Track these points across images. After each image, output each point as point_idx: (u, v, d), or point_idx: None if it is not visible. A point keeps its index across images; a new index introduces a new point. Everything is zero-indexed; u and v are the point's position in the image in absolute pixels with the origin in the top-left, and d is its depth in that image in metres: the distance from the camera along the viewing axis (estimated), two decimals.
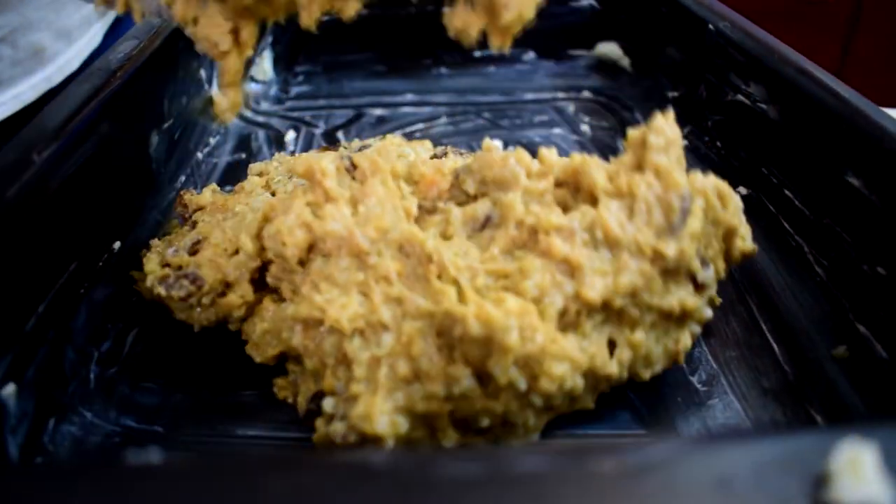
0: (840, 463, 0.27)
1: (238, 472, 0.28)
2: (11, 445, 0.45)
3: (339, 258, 0.50)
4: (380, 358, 0.46)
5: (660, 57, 0.95)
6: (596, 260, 0.48)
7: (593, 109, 0.99)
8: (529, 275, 0.48)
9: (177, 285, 0.55)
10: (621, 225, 0.48)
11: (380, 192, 0.52)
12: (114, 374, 0.56)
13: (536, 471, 0.28)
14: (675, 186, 0.49)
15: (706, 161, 0.81)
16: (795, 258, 0.64)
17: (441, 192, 0.54)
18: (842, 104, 0.59)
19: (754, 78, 0.72)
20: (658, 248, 0.48)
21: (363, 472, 0.28)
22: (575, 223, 0.49)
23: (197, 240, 0.58)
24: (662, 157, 0.50)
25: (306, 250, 0.52)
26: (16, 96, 0.84)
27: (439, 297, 0.46)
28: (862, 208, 0.56)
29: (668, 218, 0.48)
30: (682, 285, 0.50)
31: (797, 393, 0.54)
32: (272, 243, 0.52)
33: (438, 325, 0.46)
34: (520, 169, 0.52)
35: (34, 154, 0.51)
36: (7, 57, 0.82)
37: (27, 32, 0.83)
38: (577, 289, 0.47)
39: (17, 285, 0.48)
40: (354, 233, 0.50)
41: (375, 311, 0.47)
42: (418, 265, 0.49)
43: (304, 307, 0.49)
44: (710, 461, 0.29)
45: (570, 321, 0.48)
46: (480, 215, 0.52)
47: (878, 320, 0.54)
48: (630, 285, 0.47)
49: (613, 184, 0.51)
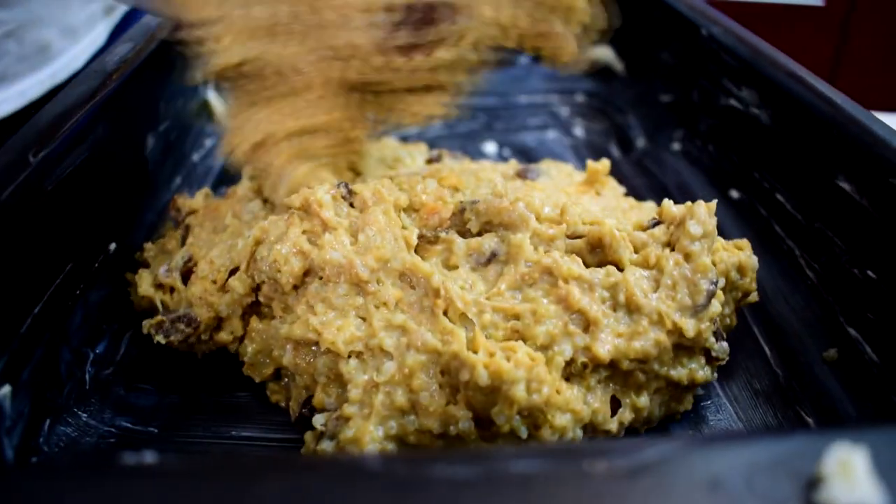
0: (831, 466, 0.28)
1: (235, 473, 0.28)
2: (7, 446, 0.45)
3: (338, 285, 0.50)
4: (378, 384, 0.46)
5: (653, 61, 0.95)
6: (612, 319, 0.49)
7: (587, 113, 0.99)
8: (542, 320, 0.48)
9: (174, 330, 0.55)
10: (645, 293, 0.49)
11: (381, 221, 0.52)
12: (109, 376, 0.56)
13: (530, 472, 0.28)
14: (703, 270, 0.50)
15: (698, 165, 0.81)
16: (787, 262, 0.64)
17: (442, 219, 0.54)
18: (833, 109, 0.60)
19: (747, 82, 0.73)
20: (679, 323, 0.48)
21: (359, 473, 0.28)
22: (596, 278, 0.50)
23: (188, 257, 0.58)
24: (696, 246, 0.51)
25: (301, 276, 0.52)
26: (21, 92, 0.84)
27: (448, 338, 0.46)
28: (853, 213, 0.57)
29: (694, 298, 0.49)
30: (694, 359, 0.51)
31: (788, 395, 0.55)
32: (266, 268, 0.52)
33: (444, 365, 0.46)
34: (529, 214, 0.52)
35: (30, 155, 0.51)
36: (13, 52, 0.82)
37: (33, 28, 0.84)
38: (588, 343, 0.48)
39: (12, 286, 0.48)
40: (354, 262, 0.50)
41: (375, 336, 0.47)
42: (424, 297, 0.49)
43: (298, 328, 0.50)
44: (703, 463, 0.29)
45: (575, 372, 0.48)
46: (486, 250, 0.52)
47: (869, 323, 0.54)
48: (642, 351, 0.48)
49: (641, 254, 0.52)
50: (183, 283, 0.57)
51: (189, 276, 0.57)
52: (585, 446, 0.40)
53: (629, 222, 0.56)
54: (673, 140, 0.87)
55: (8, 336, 0.47)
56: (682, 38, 0.86)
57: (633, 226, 0.55)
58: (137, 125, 0.69)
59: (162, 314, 0.56)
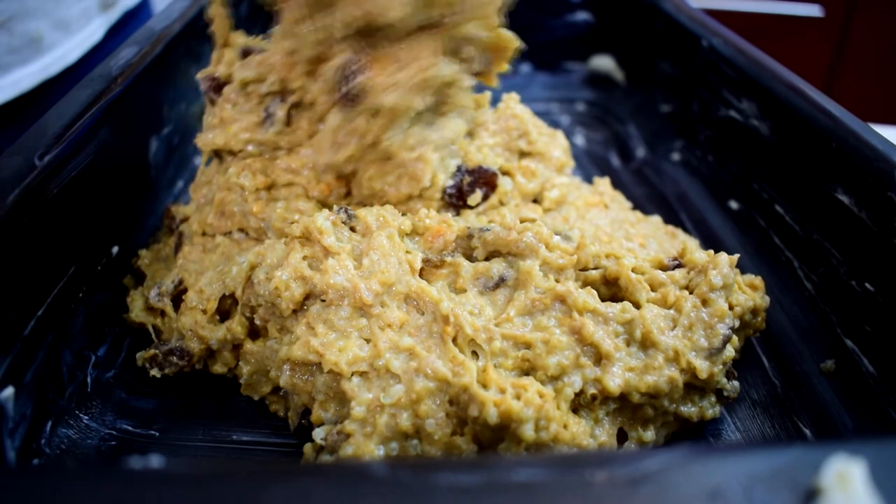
0: (830, 477, 0.28)
1: (241, 479, 0.28)
2: (9, 448, 0.45)
3: (340, 307, 0.50)
4: (384, 405, 0.46)
5: (653, 71, 0.96)
6: (624, 353, 0.49)
7: (587, 122, 1.00)
8: (554, 351, 0.48)
9: (167, 363, 0.55)
10: (662, 331, 0.50)
11: (385, 245, 0.52)
12: (111, 379, 0.56)
13: (532, 480, 0.29)
14: (721, 315, 0.51)
15: (698, 175, 0.82)
16: (785, 273, 0.65)
17: (447, 242, 0.54)
18: (833, 122, 0.60)
19: (746, 94, 0.73)
20: (693, 363, 0.49)
21: (364, 480, 0.28)
22: (610, 312, 0.50)
23: (178, 281, 0.58)
24: (715, 295, 0.51)
25: (301, 301, 0.52)
26: (13, 83, 0.84)
27: (459, 369, 0.46)
28: (851, 225, 0.57)
29: (710, 341, 0.50)
30: (706, 397, 0.52)
31: (786, 406, 0.55)
32: (264, 292, 0.52)
33: (453, 395, 0.46)
34: (538, 244, 0.52)
35: (36, 158, 0.51)
36: (3, 43, 0.82)
37: (24, 20, 0.84)
38: (598, 375, 0.48)
39: (16, 289, 0.48)
40: (359, 286, 0.50)
41: (381, 357, 0.47)
42: (433, 322, 0.49)
43: (298, 350, 0.49)
44: (703, 473, 0.29)
45: (584, 403, 0.49)
46: (494, 274, 0.52)
47: (866, 335, 0.55)
48: (654, 386, 0.48)
49: (660, 292, 0.52)
50: (174, 307, 0.57)
51: (180, 298, 0.57)
52: (587, 455, 0.40)
53: (647, 256, 0.56)
54: (673, 150, 0.87)
55: (11, 338, 0.47)
56: (683, 48, 0.87)
57: (651, 262, 0.55)
58: (141, 129, 0.70)
59: (154, 346, 0.56)
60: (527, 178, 0.65)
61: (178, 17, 0.81)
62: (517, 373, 0.48)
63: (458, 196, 0.60)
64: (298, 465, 0.31)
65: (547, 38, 1.03)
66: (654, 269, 0.54)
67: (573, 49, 1.05)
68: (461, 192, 0.60)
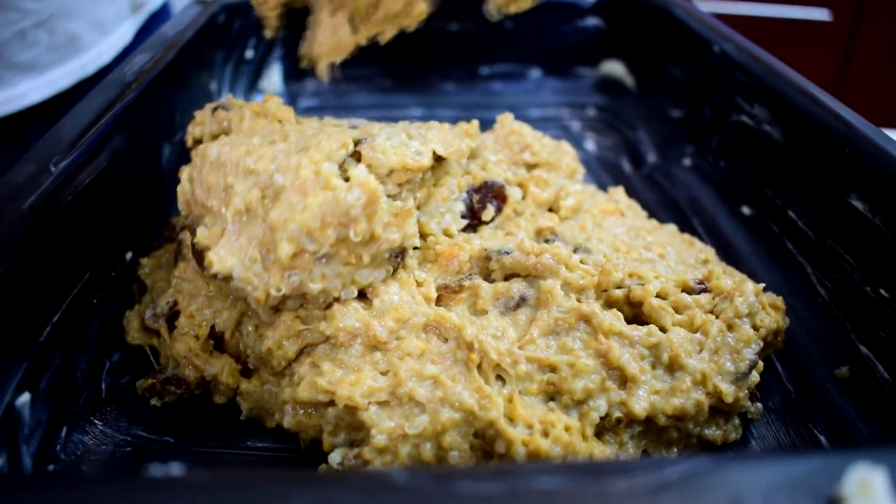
0: (851, 486, 0.28)
1: (263, 487, 0.28)
2: (25, 454, 0.45)
3: (352, 346, 0.49)
4: (407, 436, 0.45)
5: (664, 76, 0.96)
6: (649, 376, 0.49)
7: (598, 127, 1.00)
8: (580, 375, 0.48)
9: (165, 392, 0.54)
10: (689, 354, 0.50)
11: (392, 287, 0.51)
12: (125, 384, 0.56)
13: (553, 488, 0.29)
14: (747, 340, 0.51)
15: (709, 181, 0.82)
16: (798, 279, 0.64)
17: (461, 263, 0.54)
18: (847, 127, 0.60)
19: (759, 100, 0.73)
20: (719, 387, 0.49)
21: (386, 488, 0.28)
22: (636, 335, 0.50)
23: (173, 302, 0.56)
24: (741, 321, 0.52)
25: (296, 354, 0.51)
26: (50, 82, 0.86)
27: (486, 402, 0.45)
28: (865, 230, 0.57)
29: (737, 365, 0.50)
30: (730, 421, 0.52)
31: (799, 412, 0.55)
32: (254, 345, 0.52)
33: (479, 429, 0.45)
34: (558, 265, 0.52)
35: (51, 165, 0.52)
36: (43, 42, 0.84)
37: (64, 19, 0.86)
38: (624, 398, 0.48)
39: (33, 296, 0.48)
40: (371, 324, 0.49)
41: (403, 385, 0.46)
42: (456, 349, 0.48)
43: (304, 391, 0.48)
44: (723, 481, 0.29)
45: (608, 426, 0.49)
46: (515, 294, 0.52)
47: (881, 342, 0.55)
48: (681, 409, 0.48)
49: (686, 315, 0.52)
50: (169, 329, 0.56)
51: (175, 319, 0.56)
52: (609, 464, 0.40)
53: (667, 268, 0.56)
54: (684, 155, 0.87)
55: (28, 345, 0.48)
56: (694, 54, 0.87)
57: (676, 282, 0.55)
58: (154, 134, 0.70)
59: (152, 375, 0.55)
60: (540, 188, 0.64)
61: (189, 23, 0.81)
62: (543, 397, 0.48)
63: (472, 215, 0.60)
64: (320, 474, 0.31)
65: (557, 43, 1.03)
66: (680, 292, 0.54)
67: (583, 54, 1.05)
68: (474, 211, 0.60)
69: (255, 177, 0.50)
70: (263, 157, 0.50)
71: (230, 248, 0.49)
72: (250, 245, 0.48)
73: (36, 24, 0.83)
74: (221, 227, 0.50)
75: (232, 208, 0.49)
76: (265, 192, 0.48)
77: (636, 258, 0.58)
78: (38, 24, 0.83)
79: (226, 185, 0.51)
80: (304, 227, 0.45)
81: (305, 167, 0.47)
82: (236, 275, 0.48)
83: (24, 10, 0.81)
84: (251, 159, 0.50)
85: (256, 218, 0.49)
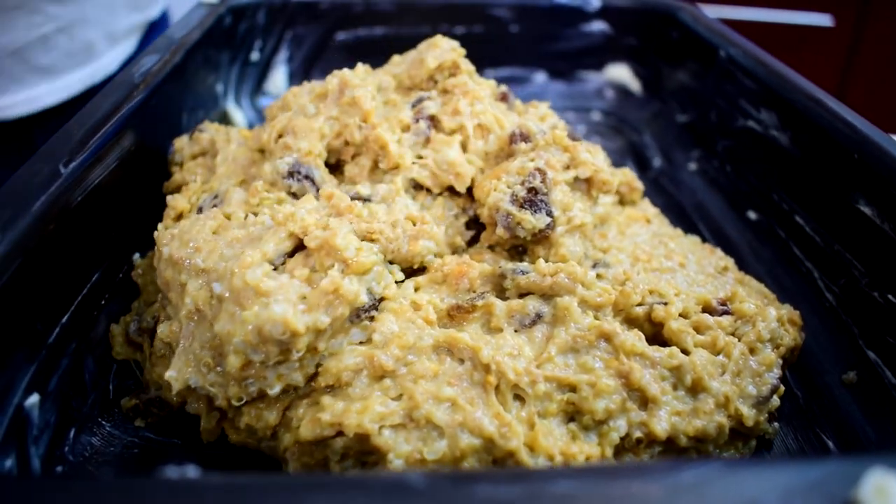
0: (868, 491, 0.28)
1: (280, 490, 0.28)
2: (34, 455, 0.45)
3: (358, 377, 0.48)
4: (426, 461, 0.44)
5: (669, 81, 0.96)
6: (670, 397, 0.49)
7: (604, 131, 1.00)
8: (601, 395, 0.47)
9: (147, 412, 0.53)
10: (712, 376, 0.50)
11: (390, 319, 0.50)
12: (132, 386, 0.56)
13: (571, 492, 0.29)
14: (769, 364, 0.51)
15: (715, 185, 0.82)
16: (806, 284, 0.64)
17: (472, 280, 0.53)
18: (854, 132, 0.60)
19: (766, 105, 0.73)
20: (740, 410, 0.49)
21: (403, 492, 0.28)
22: (657, 356, 0.50)
23: (156, 318, 0.55)
24: (763, 345, 0.52)
25: (278, 422, 0.49)
26: (65, 86, 0.89)
27: (505, 430, 0.44)
28: (873, 236, 0.57)
29: (759, 389, 0.50)
30: (748, 444, 0.52)
31: (808, 417, 0.55)
32: (237, 422, 0.49)
33: (498, 458, 0.45)
34: (574, 284, 0.52)
35: (61, 165, 0.52)
36: (62, 47, 0.87)
37: (83, 27, 0.89)
38: (644, 419, 0.48)
39: (42, 297, 0.48)
40: (375, 355, 0.47)
41: (419, 408, 0.45)
42: (473, 370, 0.47)
43: (306, 431, 0.46)
44: (739, 486, 0.29)
45: (628, 446, 0.48)
46: (530, 311, 0.51)
47: (889, 347, 0.55)
48: (703, 430, 0.48)
49: (709, 336, 0.52)
50: (151, 344, 0.54)
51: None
52: (626, 467, 0.40)
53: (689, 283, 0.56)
54: (689, 160, 0.87)
55: (37, 346, 0.48)
56: (700, 58, 0.87)
57: (698, 300, 0.55)
58: (161, 136, 0.70)
59: (135, 395, 0.54)
60: None
61: (196, 26, 0.81)
62: (562, 417, 0.48)
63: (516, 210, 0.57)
64: (337, 477, 0.31)
65: (563, 48, 1.03)
66: (701, 312, 0.54)
67: (589, 58, 1.05)
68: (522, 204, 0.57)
69: (206, 275, 0.49)
70: (212, 253, 0.50)
71: (185, 358, 0.48)
72: (203, 350, 0.48)
73: (58, 29, 0.85)
74: (179, 325, 0.50)
75: (185, 309, 0.49)
76: (213, 293, 0.48)
77: (656, 267, 0.58)
78: (60, 29, 0.86)
79: (180, 281, 0.50)
80: (246, 341, 0.45)
81: (237, 276, 0.46)
82: (194, 384, 0.47)
83: (49, 14, 0.84)
84: (200, 258, 0.50)
85: (205, 321, 0.48)
